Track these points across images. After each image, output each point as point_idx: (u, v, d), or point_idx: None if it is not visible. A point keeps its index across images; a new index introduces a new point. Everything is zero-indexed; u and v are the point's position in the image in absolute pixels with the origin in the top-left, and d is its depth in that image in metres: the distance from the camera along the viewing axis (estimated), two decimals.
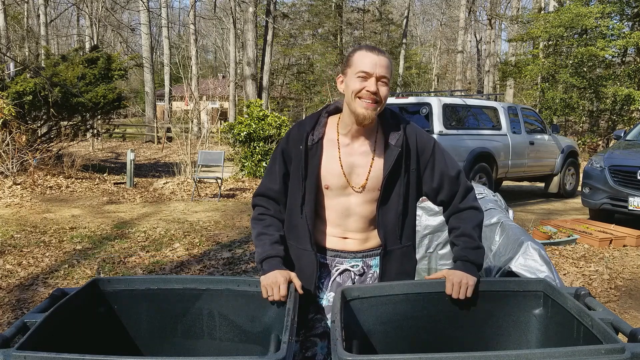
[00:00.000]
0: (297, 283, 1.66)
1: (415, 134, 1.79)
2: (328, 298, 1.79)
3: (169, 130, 20.96)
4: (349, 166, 1.75)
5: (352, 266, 1.80)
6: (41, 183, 9.35)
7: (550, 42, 19.82)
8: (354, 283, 1.80)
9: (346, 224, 1.79)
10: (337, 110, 1.81)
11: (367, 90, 1.64)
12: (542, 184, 10.44)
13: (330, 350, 1.69)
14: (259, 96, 17.92)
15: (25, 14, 24.44)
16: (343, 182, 1.75)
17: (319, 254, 1.80)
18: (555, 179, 9.92)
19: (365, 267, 1.81)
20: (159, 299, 1.68)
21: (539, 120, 10.06)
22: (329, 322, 1.76)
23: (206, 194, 9.66)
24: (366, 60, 1.65)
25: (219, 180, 9.39)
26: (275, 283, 1.62)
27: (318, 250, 1.80)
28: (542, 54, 20.27)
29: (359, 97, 1.66)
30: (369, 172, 1.75)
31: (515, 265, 2.19)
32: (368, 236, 1.81)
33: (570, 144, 10.38)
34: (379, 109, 1.69)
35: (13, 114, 9.69)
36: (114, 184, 10.22)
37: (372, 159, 1.75)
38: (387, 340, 1.62)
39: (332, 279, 1.81)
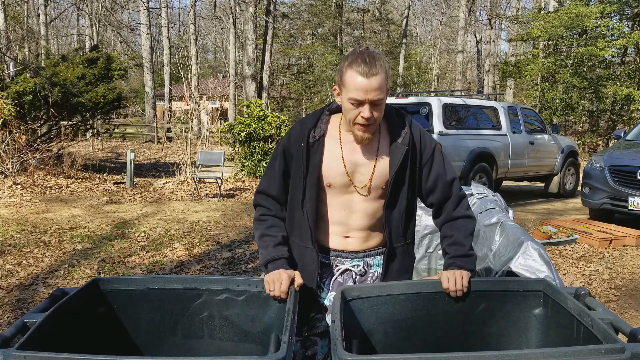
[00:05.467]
0: (298, 281, 1.66)
1: (420, 132, 1.81)
2: (329, 298, 1.80)
3: (169, 130, 20.96)
4: (352, 165, 1.75)
5: (354, 266, 1.81)
6: (41, 183, 9.35)
7: (550, 42, 19.81)
8: (355, 283, 1.80)
9: (348, 223, 1.79)
10: (339, 109, 1.81)
11: (362, 117, 1.65)
12: (542, 184, 10.43)
13: (330, 349, 1.70)
14: (259, 96, 17.92)
15: (25, 13, 24.42)
16: (346, 181, 1.75)
17: (321, 253, 1.81)
18: (555, 179, 9.92)
19: (366, 267, 1.82)
20: (159, 299, 1.68)
21: (538, 120, 10.06)
22: (329, 321, 1.77)
23: (206, 194, 9.66)
24: (358, 85, 1.62)
25: (219, 180, 9.39)
26: (278, 279, 1.63)
27: (320, 250, 1.81)
28: (542, 54, 20.26)
29: (355, 123, 1.68)
30: (372, 172, 1.75)
31: (515, 265, 2.18)
32: (369, 235, 1.81)
33: (570, 144, 10.38)
34: (375, 128, 1.71)
35: (13, 114, 9.69)
36: (114, 183, 10.21)
37: (376, 157, 1.76)
38: (387, 340, 1.62)
39: (333, 278, 1.81)
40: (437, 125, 7.73)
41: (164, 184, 10.33)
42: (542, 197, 10.07)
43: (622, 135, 8.15)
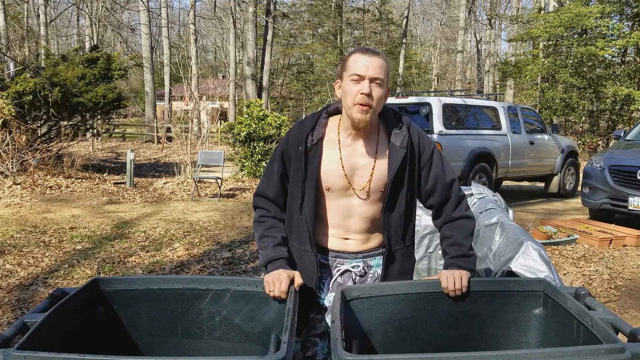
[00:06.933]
0: (298, 281, 1.66)
1: (418, 134, 1.80)
2: (329, 298, 1.80)
3: (169, 130, 20.96)
4: (351, 168, 1.75)
5: (353, 267, 1.81)
6: (41, 183, 9.35)
7: (550, 42, 19.81)
8: (354, 284, 1.80)
9: (347, 225, 1.79)
10: (337, 111, 1.81)
11: (361, 93, 1.64)
12: (542, 184, 10.43)
13: (330, 350, 1.70)
14: (259, 96, 17.92)
15: (25, 13, 24.43)
16: (344, 183, 1.75)
17: (320, 254, 1.80)
18: (555, 179, 9.92)
19: (366, 268, 1.82)
20: (159, 299, 1.68)
21: (538, 120, 10.06)
22: (329, 322, 1.76)
23: (206, 194, 9.66)
24: (359, 63, 1.66)
25: (219, 180, 9.39)
26: (278, 279, 1.63)
27: (319, 251, 1.80)
28: (542, 54, 20.26)
29: (355, 103, 1.67)
30: (371, 174, 1.75)
31: (515, 265, 2.18)
32: (369, 237, 1.81)
33: (570, 144, 10.38)
34: (374, 111, 1.69)
35: (13, 114, 9.69)
36: (114, 183, 10.21)
37: (374, 160, 1.75)
38: (387, 340, 1.62)
39: (333, 279, 1.81)
40: (437, 125, 7.73)
41: (164, 184, 10.33)
42: (542, 197, 10.07)
43: (622, 135, 8.14)
